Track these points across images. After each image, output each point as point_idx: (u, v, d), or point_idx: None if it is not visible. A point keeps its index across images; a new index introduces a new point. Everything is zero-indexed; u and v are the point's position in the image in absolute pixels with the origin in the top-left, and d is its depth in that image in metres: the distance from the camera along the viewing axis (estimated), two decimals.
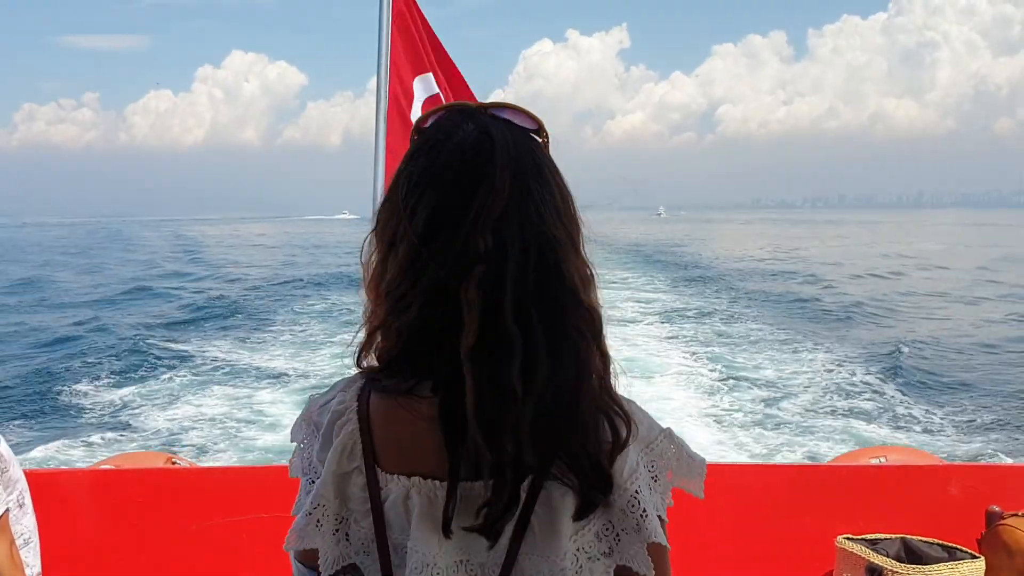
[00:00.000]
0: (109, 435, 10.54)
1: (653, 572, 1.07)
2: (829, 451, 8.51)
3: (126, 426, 11.05)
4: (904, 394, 12.22)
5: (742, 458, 8.74)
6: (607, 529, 1.07)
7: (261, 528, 3.26)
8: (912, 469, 3.50)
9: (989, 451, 9.41)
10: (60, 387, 13.54)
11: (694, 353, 15.70)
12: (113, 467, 3.70)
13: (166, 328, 20.42)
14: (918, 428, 10.40)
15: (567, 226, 1.09)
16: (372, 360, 1.13)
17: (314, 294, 27.21)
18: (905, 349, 15.55)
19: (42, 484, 2.93)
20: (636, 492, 1.07)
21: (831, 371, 13.99)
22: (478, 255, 1.02)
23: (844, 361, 14.93)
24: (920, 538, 3.27)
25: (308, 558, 1.12)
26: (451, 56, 3.83)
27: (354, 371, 1.14)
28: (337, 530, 1.09)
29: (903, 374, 13.52)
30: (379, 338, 1.11)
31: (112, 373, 14.62)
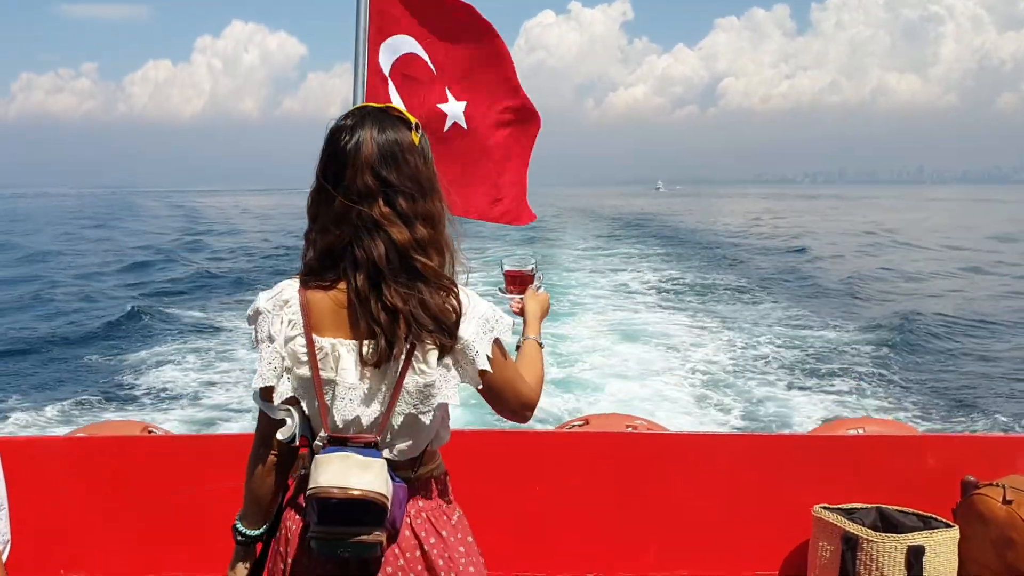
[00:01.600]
0: (102, 404, 10.55)
1: (481, 384, 1.79)
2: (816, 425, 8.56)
3: (119, 395, 11.07)
4: (894, 368, 12.25)
5: (724, 429, 8.80)
6: (455, 361, 1.76)
7: (236, 496, 3.27)
8: (889, 440, 3.53)
9: (976, 425, 9.49)
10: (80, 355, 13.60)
11: (686, 321, 15.85)
12: (87, 436, 3.69)
13: (179, 296, 20.40)
14: (908, 402, 10.45)
15: (418, 177, 1.76)
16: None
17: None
18: (901, 324, 15.58)
19: (13, 451, 2.93)
20: (472, 341, 1.75)
21: (819, 341, 14.07)
22: (359, 193, 1.71)
23: (830, 331, 15.02)
24: (896, 508, 3.30)
25: (265, 395, 1.78)
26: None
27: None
28: (283, 374, 1.75)
29: (896, 348, 13.55)
30: (309, 251, 1.77)
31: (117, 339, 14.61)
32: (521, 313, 2.18)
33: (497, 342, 1.80)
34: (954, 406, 10.42)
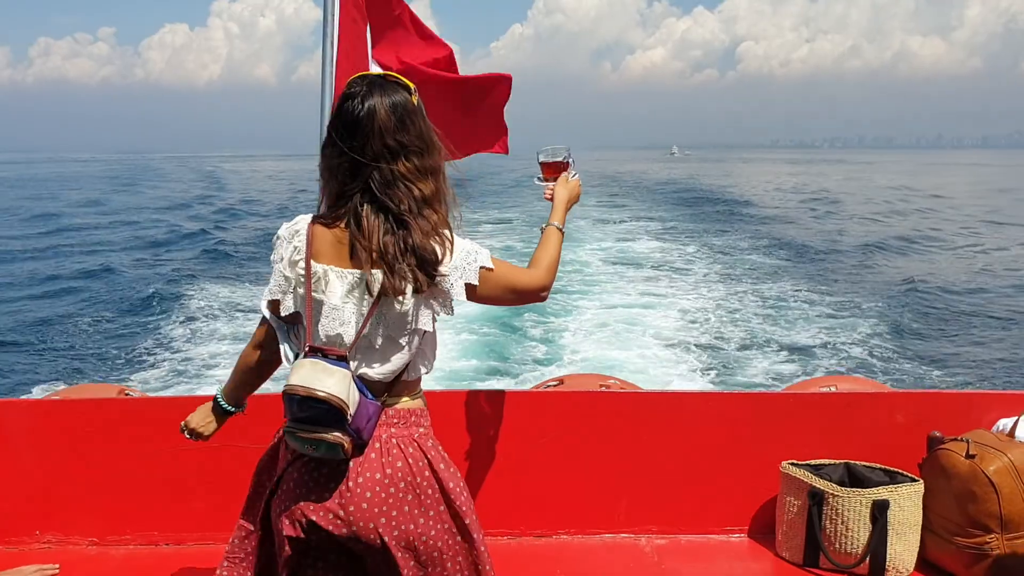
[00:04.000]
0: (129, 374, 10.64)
1: (453, 310, 2.10)
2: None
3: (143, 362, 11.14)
4: (891, 334, 12.23)
5: (706, 387, 8.87)
6: (432, 295, 2.04)
7: (211, 457, 3.30)
8: (859, 396, 3.53)
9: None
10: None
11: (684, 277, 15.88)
12: (63, 398, 3.70)
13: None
14: (906, 364, 10.45)
15: (415, 141, 2.03)
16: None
17: None
18: (902, 289, 15.54)
19: None
20: (450, 276, 2.03)
21: (813, 306, 14.07)
22: (377, 154, 1.98)
23: (826, 297, 15.00)
24: (864, 463, 3.33)
25: (273, 308, 2.12)
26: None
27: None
28: (287, 291, 2.07)
29: (899, 313, 13.51)
30: (324, 199, 2.10)
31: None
32: (551, 199, 2.49)
33: (483, 268, 2.09)
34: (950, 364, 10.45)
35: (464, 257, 2.06)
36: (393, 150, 1.98)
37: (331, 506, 1.99)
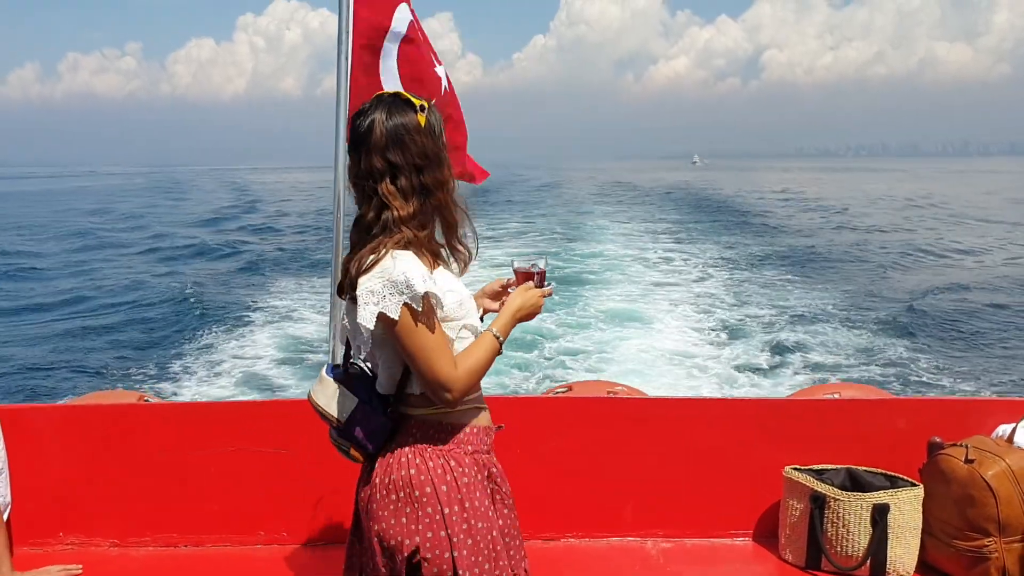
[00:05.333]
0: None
1: (374, 335, 2.05)
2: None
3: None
4: (912, 344, 12.19)
5: (713, 393, 8.94)
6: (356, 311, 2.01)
7: (228, 460, 3.43)
8: (860, 403, 3.59)
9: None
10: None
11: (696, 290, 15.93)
12: (84, 404, 3.81)
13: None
14: (924, 375, 10.43)
15: (414, 159, 2.04)
16: None
17: None
18: (918, 300, 15.46)
19: (13, 419, 3.09)
20: (363, 297, 1.97)
21: (829, 312, 14.06)
22: (368, 172, 2.04)
23: (837, 303, 14.98)
24: (865, 468, 3.39)
25: None
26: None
27: None
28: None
29: (913, 323, 13.46)
30: None
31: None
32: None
33: (409, 307, 1.96)
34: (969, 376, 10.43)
35: (384, 284, 1.96)
36: (380, 171, 2.02)
37: (359, 506, 2.15)
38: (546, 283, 2.29)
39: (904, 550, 3.19)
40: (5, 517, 3.07)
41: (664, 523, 3.56)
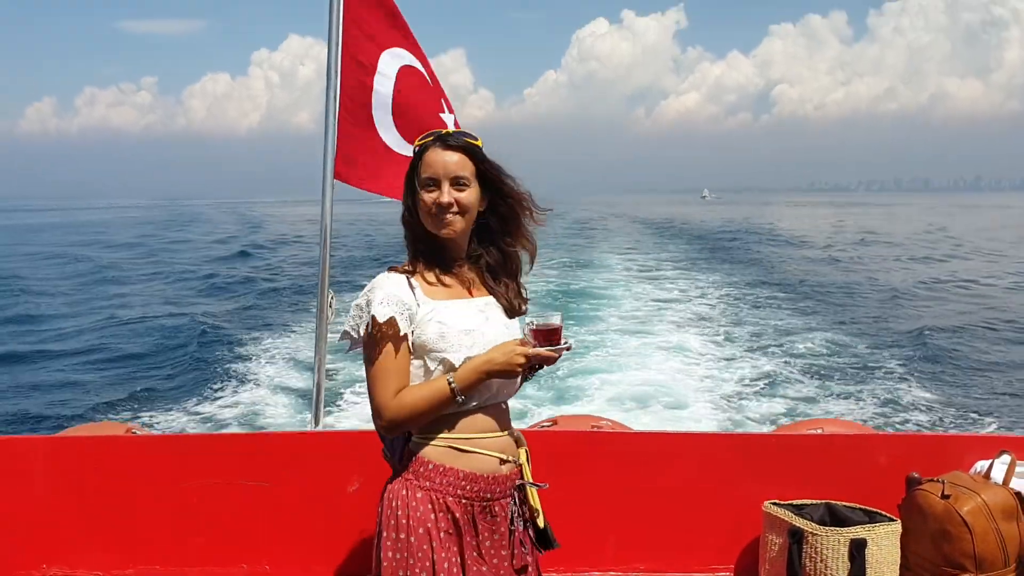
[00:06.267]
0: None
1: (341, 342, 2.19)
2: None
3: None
4: (906, 378, 12.17)
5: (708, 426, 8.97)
6: None
7: (212, 492, 3.46)
8: (842, 438, 3.62)
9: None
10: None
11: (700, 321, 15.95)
12: (70, 436, 3.86)
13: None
14: (919, 414, 10.40)
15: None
16: None
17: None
18: (925, 334, 15.42)
19: None
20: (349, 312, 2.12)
21: (832, 349, 14.06)
22: None
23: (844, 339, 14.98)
24: (844, 503, 3.40)
25: None
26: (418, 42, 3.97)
27: None
28: None
29: (913, 358, 13.44)
30: None
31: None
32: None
33: (366, 329, 2.10)
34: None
35: (356, 304, 2.14)
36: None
37: None
38: (563, 340, 2.15)
39: None
40: None
41: (646, 557, 3.57)
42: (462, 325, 2.13)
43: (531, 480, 2.28)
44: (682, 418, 9.29)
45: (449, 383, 2.07)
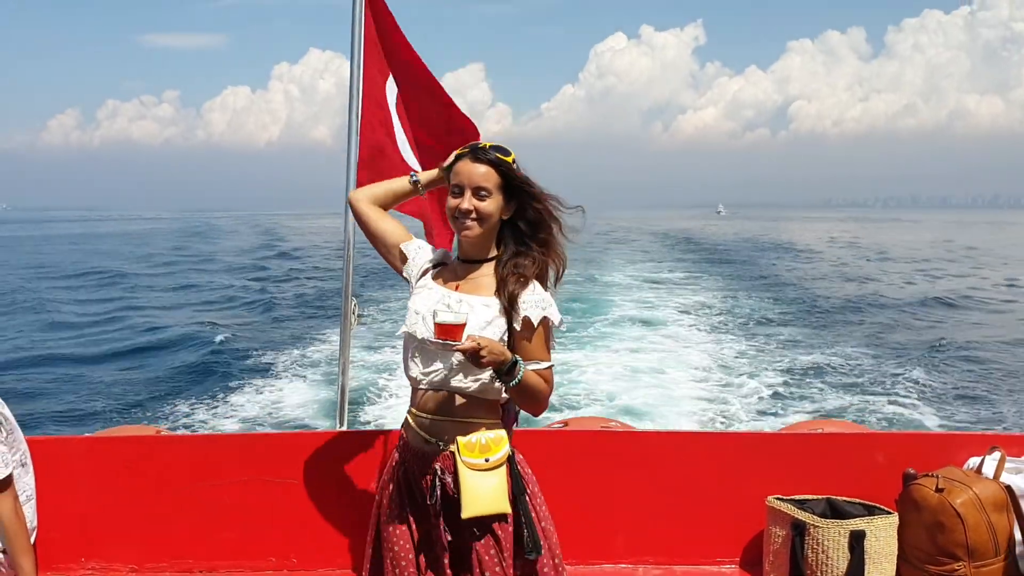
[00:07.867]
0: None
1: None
2: None
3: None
4: (916, 389, 12.26)
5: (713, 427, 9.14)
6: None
7: (241, 490, 3.65)
8: (842, 437, 3.78)
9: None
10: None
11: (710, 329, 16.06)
12: (105, 436, 4.01)
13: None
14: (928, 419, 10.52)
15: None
16: None
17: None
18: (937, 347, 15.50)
19: (39, 449, 3.30)
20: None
21: (848, 363, 14.13)
22: None
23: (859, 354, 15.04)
24: (844, 498, 3.57)
25: None
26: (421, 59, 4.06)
27: None
28: None
29: (924, 369, 13.53)
30: None
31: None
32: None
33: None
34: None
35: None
36: None
37: None
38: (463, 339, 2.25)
39: (880, 574, 3.35)
40: (32, 542, 3.28)
41: (654, 550, 3.73)
42: (416, 306, 2.43)
43: (467, 479, 2.38)
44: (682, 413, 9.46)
45: (414, 179, 2.73)
